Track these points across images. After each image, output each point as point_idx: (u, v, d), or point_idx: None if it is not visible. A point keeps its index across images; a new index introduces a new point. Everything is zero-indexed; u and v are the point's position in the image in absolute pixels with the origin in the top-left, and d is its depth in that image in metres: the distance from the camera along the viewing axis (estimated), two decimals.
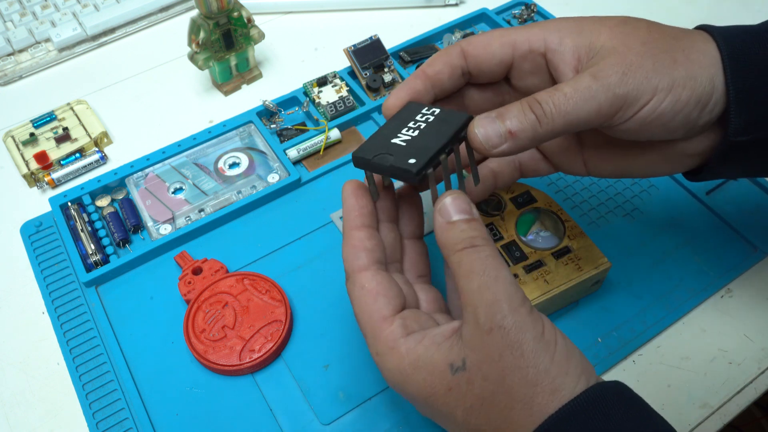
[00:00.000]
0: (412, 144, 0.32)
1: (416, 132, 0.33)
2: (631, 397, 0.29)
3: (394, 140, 0.33)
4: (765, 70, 0.32)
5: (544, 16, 0.63)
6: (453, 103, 0.37)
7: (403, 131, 0.33)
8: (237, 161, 0.52)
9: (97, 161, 0.54)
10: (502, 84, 0.37)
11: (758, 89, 0.32)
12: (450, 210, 0.31)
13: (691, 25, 0.34)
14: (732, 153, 0.33)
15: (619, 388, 0.29)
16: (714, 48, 0.32)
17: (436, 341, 0.30)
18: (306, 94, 0.56)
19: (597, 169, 0.38)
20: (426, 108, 0.34)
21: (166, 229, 0.48)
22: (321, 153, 0.53)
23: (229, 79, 0.59)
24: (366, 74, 0.56)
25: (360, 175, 0.36)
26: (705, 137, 0.34)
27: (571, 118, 0.31)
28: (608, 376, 0.41)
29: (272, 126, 0.54)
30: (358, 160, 0.33)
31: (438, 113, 0.34)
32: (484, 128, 0.32)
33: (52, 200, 0.49)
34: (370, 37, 0.57)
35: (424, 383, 0.29)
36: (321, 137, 0.53)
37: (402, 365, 0.30)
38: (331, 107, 0.54)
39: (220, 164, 0.52)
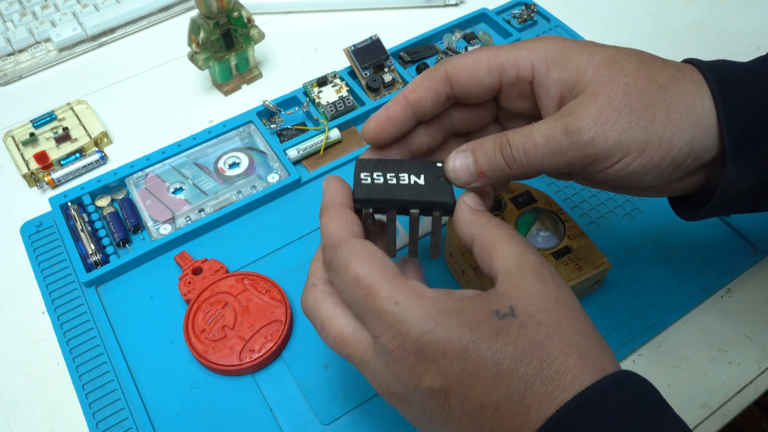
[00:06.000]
0: (427, 186, 0.33)
1: (403, 178, 0.34)
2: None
3: (398, 183, 0.33)
4: (762, 116, 0.31)
5: (544, 16, 0.63)
6: (439, 123, 0.36)
7: (389, 176, 0.33)
8: (237, 161, 0.52)
9: (97, 161, 0.54)
10: (489, 102, 0.37)
11: (755, 137, 0.31)
12: (476, 201, 0.33)
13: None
14: (728, 199, 0.33)
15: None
16: (705, 98, 0.31)
17: (466, 296, 0.29)
18: (306, 94, 0.56)
19: (585, 184, 0.37)
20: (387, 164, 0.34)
21: (166, 229, 0.48)
22: (321, 153, 0.53)
23: (229, 79, 0.59)
24: (366, 74, 0.56)
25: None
26: (691, 179, 0.34)
27: (540, 167, 0.32)
28: None
29: (272, 126, 0.54)
30: (366, 202, 0.33)
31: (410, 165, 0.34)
32: (458, 167, 0.33)
33: (52, 200, 0.49)
34: (370, 37, 0.57)
35: (466, 327, 0.27)
36: (321, 137, 0.53)
37: (432, 311, 0.28)
38: (331, 107, 0.54)
39: (220, 164, 0.52)
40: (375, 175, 0.33)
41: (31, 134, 0.55)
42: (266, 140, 0.53)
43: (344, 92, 0.56)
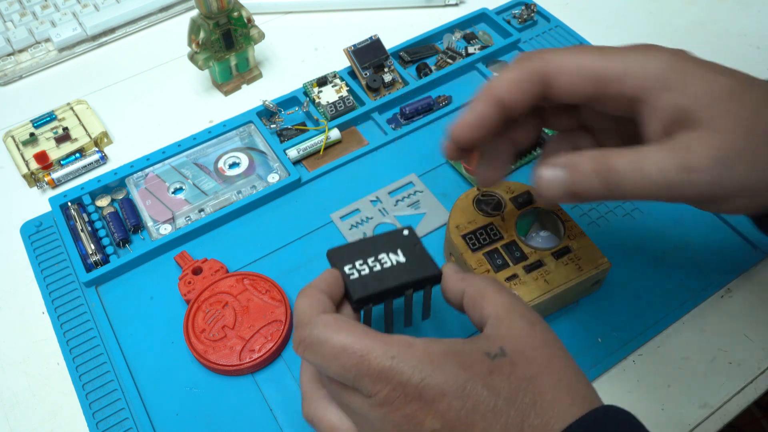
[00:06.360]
0: (410, 262, 0.35)
1: (388, 262, 0.35)
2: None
3: (383, 268, 0.34)
4: None
5: (544, 16, 0.63)
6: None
7: (372, 265, 0.35)
8: (237, 161, 0.52)
9: (97, 161, 0.54)
10: None
11: None
12: (457, 267, 0.35)
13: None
14: None
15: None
16: None
17: (455, 341, 0.30)
18: (306, 94, 0.56)
19: None
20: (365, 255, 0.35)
21: (166, 229, 0.48)
22: (321, 153, 0.53)
23: (229, 79, 0.59)
24: (366, 74, 0.56)
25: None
26: None
27: (641, 196, 0.30)
28: (608, 376, 0.41)
29: (272, 126, 0.54)
30: (367, 300, 0.34)
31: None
32: (551, 183, 0.31)
33: (52, 200, 0.49)
34: (370, 37, 0.57)
35: (461, 368, 0.28)
36: (321, 137, 0.53)
37: (426, 357, 0.28)
38: (331, 107, 0.54)
39: (220, 164, 0.52)
40: (358, 265, 0.34)
41: (31, 134, 0.55)
42: (266, 140, 0.53)
43: (344, 92, 0.56)
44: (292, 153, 0.52)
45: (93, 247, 0.47)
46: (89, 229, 0.48)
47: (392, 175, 0.51)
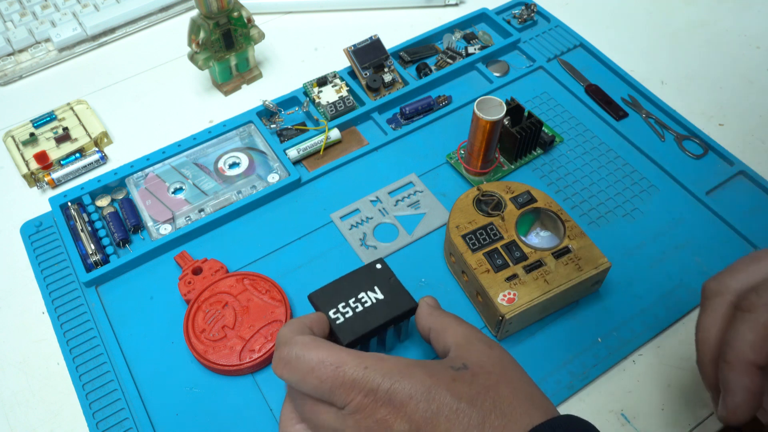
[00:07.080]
0: (388, 298, 0.38)
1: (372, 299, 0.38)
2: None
3: (364, 308, 0.37)
4: None
5: (544, 16, 0.63)
6: None
7: (362, 304, 0.38)
8: (237, 161, 0.52)
9: (97, 161, 0.54)
10: None
11: None
12: (432, 300, 0.38)
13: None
14: None
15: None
16: None
17: (422, 359, 0.33)
18: (306, 94, 0.56)
19: None
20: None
21: (166, 229, 0.48)
22: (321, 153, 0.53)
23: (229, 79, 0.59)
24: (366, 74, 0.56)
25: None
26: None
27: None
28: (608, 376, 0.41)
29: (272, 126, 0.54)
30: (358, 339, 0.36)
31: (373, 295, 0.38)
32: None
33: (52, 200, 0.49)
34: (370, 37, 0.57)
35: (427, 375, 0.31)
36: (321, 137, 0.53)
37: (396, 367, 0.31)
38: (331, 107, 0.54)
39: (220, 164, 0.52)
40: (341, 308, 0.37)
41: (31, 134, 0.55)
42: (266, 140, 0.53)
43: (344, 92, 0.56)
44: (292, 153, 0.52)
45: (93, 247, 0.47)
46: (89, 229, 0.48)
47: (392, 175, 0.51)
